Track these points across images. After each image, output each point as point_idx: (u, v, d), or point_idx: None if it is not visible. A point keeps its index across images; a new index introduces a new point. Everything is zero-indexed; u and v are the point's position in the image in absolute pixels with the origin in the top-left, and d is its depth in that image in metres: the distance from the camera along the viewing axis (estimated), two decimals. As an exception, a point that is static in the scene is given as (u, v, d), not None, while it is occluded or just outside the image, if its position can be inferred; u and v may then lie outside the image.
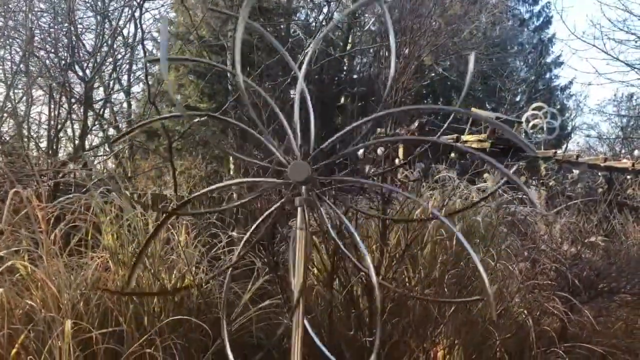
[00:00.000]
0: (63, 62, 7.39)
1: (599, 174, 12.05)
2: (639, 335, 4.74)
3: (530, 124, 14.27)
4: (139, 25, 7.98)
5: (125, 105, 11.19)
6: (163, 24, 3.11)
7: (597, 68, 30.99)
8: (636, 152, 15.61)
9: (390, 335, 3.74)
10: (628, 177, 10.64)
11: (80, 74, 7.75)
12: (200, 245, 3.93)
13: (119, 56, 9.21)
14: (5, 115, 6.44)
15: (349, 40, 16.70)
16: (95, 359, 2.92)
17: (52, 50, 7.38)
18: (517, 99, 25.74)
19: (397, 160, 6.80)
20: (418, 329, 3.84)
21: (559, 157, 12.32)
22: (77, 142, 7.47)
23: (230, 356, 2.09)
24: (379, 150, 4.54)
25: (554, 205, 5.89)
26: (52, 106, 6.94)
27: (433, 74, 17.29)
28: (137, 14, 7.84)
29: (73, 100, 7.52)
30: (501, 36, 22.61)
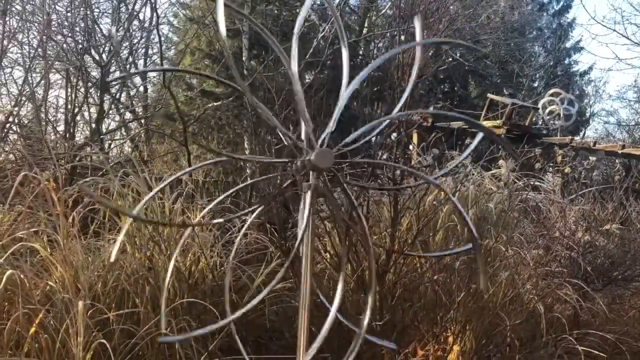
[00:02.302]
0: (80, 46, 7.45)
1: (617, 161, 11.90)
2: (652, 323, 4.73)
3: (547, 110, 14.10)
4: (154, 9, 8.03)
5: (141, 89, 11.25)
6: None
7: (617, 53, 30.47)
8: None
9: (401, 319, 3.77)
10: (646, 164, 10.50)
11: (97, 58, 7.82)
12: (215, 229, 3.99)
13: (135, 40, 9.26)
14: (23, 98, 6.53)
15: (365, 25, 16.57)
16: (111, 339, 2.99)
17: (69, 35, 7.44)
18: (535, 84, 25.40)
19: (410, 146, 6.79)
20: (428, 314, 3.87)
21: (576, 143, 12.19)
22: (93, 125, 7.55)
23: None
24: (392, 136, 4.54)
25: (569, 192, 5.86)
26: (69, 90, 7.02)
27: (450, 59, 17.11)
28: (152, -2, 7.88)
29: (90, 84, 7.60)
30: (520, 21, 22.25)
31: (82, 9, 7.50)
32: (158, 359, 3.24)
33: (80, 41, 7.52)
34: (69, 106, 6.90)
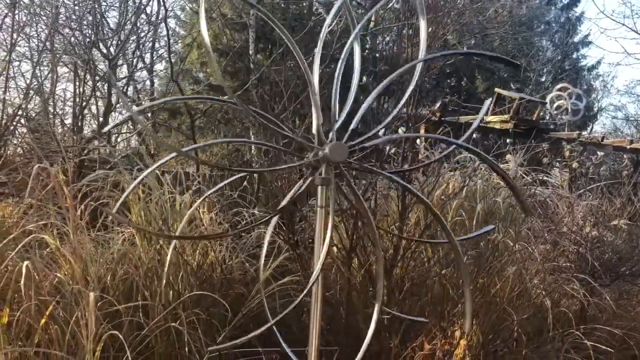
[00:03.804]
0: (87, 39, 7.47)
1: (625, 156, 11.85)
2: (659, 319, 4.71)
3: (555, 105, 14.05)
4: (162, 3, 8.03)
5: (148, 83, 11.28)
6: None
7: (626, 48, 30.36)
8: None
9: (408, 313, 3.78)
10: (655, 159, 10.45)
11: (104, 51, 7.83)
12: (225, 222, 4.01)
13: (142, 34, 9.26)
14: (31, 92, 6.55)
15: (372, 18, 16.53)
16: (120, 331, 3.01)
17: (77, 28, 7.45)
18: (543, 79, 25.27)
19: (418, 140, 6.78)
20: (436, 308, 3.88)
21: (584, 138, 12.14)
22: (101, 119, 7.58)
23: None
24: (400, 130, 4.54)
25: (577, 188, 5.84)
26: (77, 83, 7.04)
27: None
28: (160, -8, 7.88)
29: (97, 77, 7.62)
30: (527, 14, 22.13)
31: (89, 2, 7.51)
32: (167, 351, 3.26)
33: (87, 34, 7.54)
34: (77, 99, 6.93)
